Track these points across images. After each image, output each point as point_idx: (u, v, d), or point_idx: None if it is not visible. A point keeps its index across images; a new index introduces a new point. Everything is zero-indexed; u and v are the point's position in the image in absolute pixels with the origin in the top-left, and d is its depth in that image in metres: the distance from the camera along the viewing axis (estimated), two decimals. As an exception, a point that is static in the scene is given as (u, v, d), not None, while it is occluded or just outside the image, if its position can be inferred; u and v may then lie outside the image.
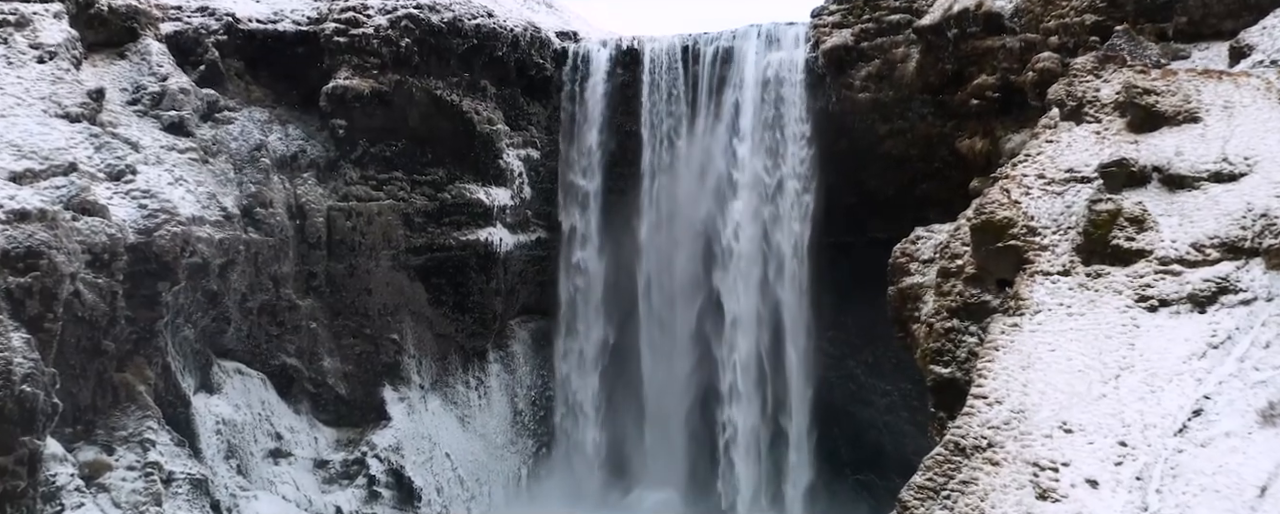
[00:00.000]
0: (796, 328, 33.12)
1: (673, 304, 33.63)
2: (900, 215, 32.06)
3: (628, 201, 34.66)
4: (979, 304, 18.23)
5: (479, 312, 32.47)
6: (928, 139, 30.63)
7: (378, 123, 30.88)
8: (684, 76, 34.01)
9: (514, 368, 33.94)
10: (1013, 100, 28.43)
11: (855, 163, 32.28)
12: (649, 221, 33.90)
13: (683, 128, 34.05)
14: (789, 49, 32.53)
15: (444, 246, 31.59)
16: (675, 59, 34.08)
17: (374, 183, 30.83)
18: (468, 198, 31.75)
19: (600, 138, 34.26)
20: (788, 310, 32.99)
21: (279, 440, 27.76)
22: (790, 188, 32.64)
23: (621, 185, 34.94)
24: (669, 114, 34.00)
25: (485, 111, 32.38)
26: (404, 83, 30.88)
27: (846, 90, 31.74)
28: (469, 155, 32.21)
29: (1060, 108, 20.04)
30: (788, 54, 32.46)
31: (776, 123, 32.59)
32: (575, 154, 34.56)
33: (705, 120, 33.80)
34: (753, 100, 32.70)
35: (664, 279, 33.93)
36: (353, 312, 30.44)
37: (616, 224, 34.55)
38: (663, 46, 34.34)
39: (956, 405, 18.13)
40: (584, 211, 34.34)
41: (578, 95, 34.40)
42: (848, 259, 33.83)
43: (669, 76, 34.04)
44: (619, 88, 34.30)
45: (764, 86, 32.54)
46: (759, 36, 32.62)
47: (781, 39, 32.51)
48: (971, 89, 29.11)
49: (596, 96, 34.17)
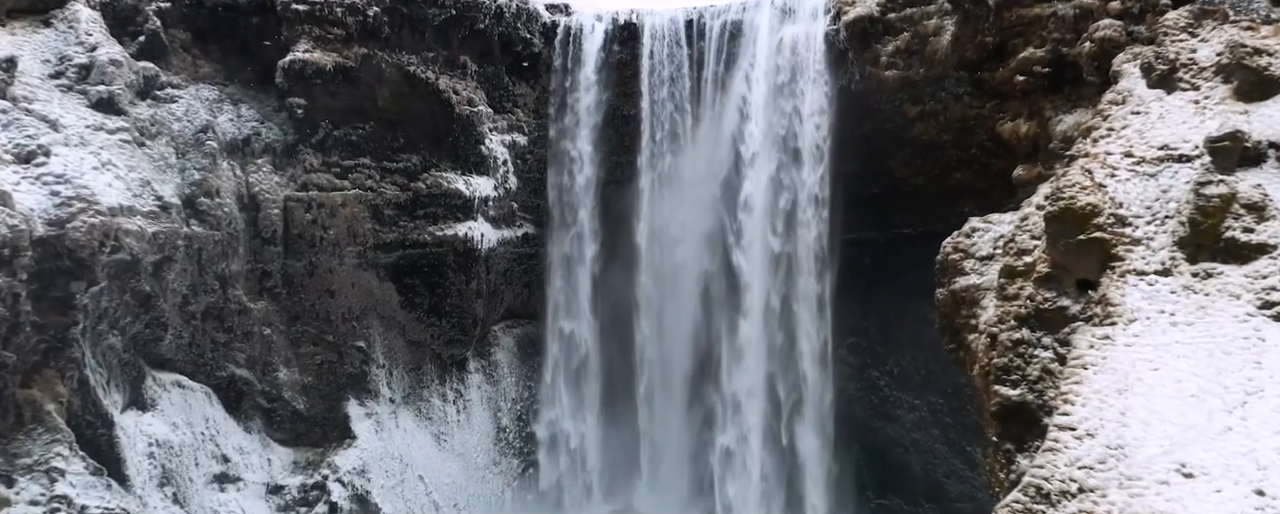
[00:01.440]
0: (812, 334, 29.92)
1: (675, 306, 30.48)
2: (930, 208, 29.02)
3: (625, 193, 31.54)
4: (1055, 310, 15.02)
5: (457, 316, 29.27)
6: (963, 122, 27.49)
7: (342, 102, 27.68)
8: (688, 54, 30.84)
9: (497, 379, 30.73)
10: (1064, 76, 25.27)
11: (880, 149, 29.18)
12: (649, 215, 30.79)
13: (686, 111, 30.88)
14: (806, 21, 29.34)
15: (418, 242, 28.41)
16: (678, 34, 30.90)
17: (338, 170, 27.62)
18: (445, 188, 28.55)
19: (594, 122, 31.16)
20: (802, 314, 29.78)
21: (226, 463, 24.50)
22: (807, 177, 29.43)
23: (618, 175, 31.83)
24: (671, 96, 30.82)
25: (465, 91, 29.18)
26: (372, 57, 27.66)
27: (871, 67, 28.57)
28: (446, 140, 29.01)
29: (1146, 73, 16.85)
30: (804, 27, 29.26)
31: (792, 104, 29.40)
32: (566, 140, 31.37)
33: (712, 102, 30.65)
34: (765, 79, 29.51)
35: (665, 278, 30.77)
36: (313, 316, 27.22)
37: (612, 218, 31.48)
38: (664, 20, 31.14)
39: (1028, 435, 14.96)
40: (576, 204, 31.17)
41: (569, 75, 31.23)
42: (869, 257, 30.77)
43: (671, 54, 30.88)
44: (615, 67, 31.15)
45: (778, 64, 29.36)
46: (772, 7, 29.42)
47: (797, 10, 29.31)
48: (1016, 64, 25.92)
49: (590, 76, 30.99)
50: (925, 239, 29.61)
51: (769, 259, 29.64)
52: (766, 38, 29.77)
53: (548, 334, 30.91)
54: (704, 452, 31.09)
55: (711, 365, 29.99)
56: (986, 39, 26.63)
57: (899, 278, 30.51)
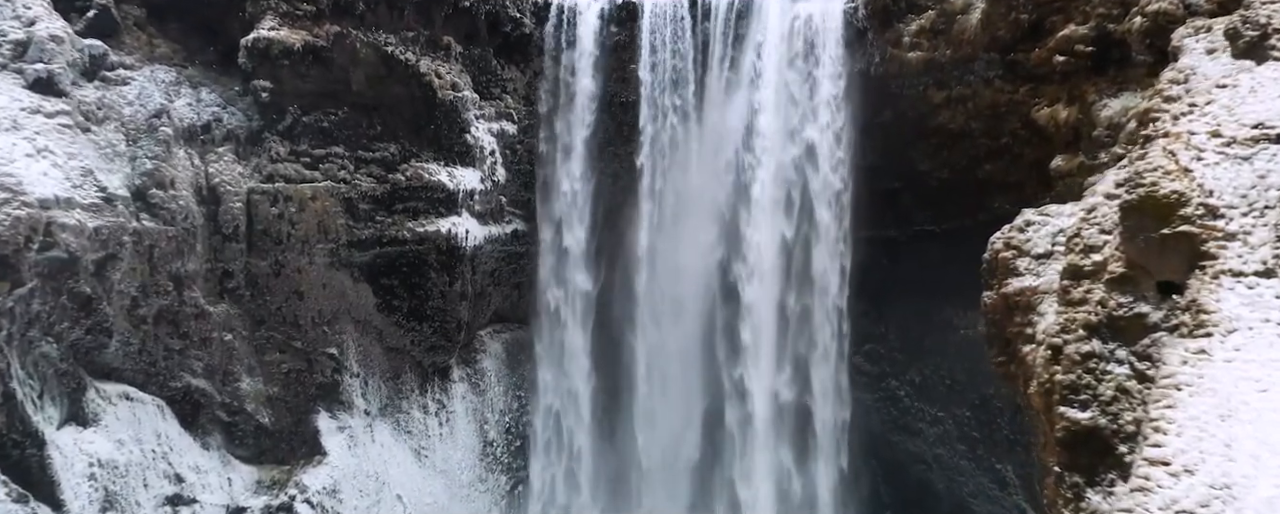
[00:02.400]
0: (827, 340, 27.75)
1: (678, 309, 28.24)
2: (957, 203, 26.80)
3: (623, 187, 29.42)
4: (1132, 318, 12.75)
5: (440, 320, 27.00)
6: (994, 108, 25.27)
7: (313, 85, 25.41)
8: (692, 35, 28.66)
9: (484, 389, 28.45)
10: (1109, 56, 23.05)
11: (901, 138, 26.99)
12: (649, 211, 28.65)
13: (690, 98, 28.69)
14: None
15: (396, 240, 26.12)
16: (681, 13, 28.73)
17: (308, 160, 25.34)
18: (426, 180, 26.28)
19: (590, 109, 29.07)
20: (816, 317, 27.53)
21: (180, 484, 22.24)
22: (821, 170, 27.20)
23: (616, 167, 29.67)
24: (673, 82, 28.66)
25: (448, 75, 26.91)
26: (346, 36, 25.39)
27: (893, 49, 26.39)
28: (428, 128, 26.73)
29: (1232, 40, 14.56)
30: (820, 5, 27.15)
31: (806, 90, 27.22)
32: (560, 129, 29.17)
33: (718, 88, 28.47)
34: (777, 63, 27.34)
35: (667, 279, 28.56)
36: (279, 320, 24.95)
37: (610, 213, 29.38)
38: (666, 0, 28.81)
39: (1100, 466, 12.68)
40: (570, 199, 28.92)
41: (563, 58, 29.09)
42: (889, 257, 28.58)
43: (673, 35, 28.67)
44: (613, 49, 29.11)
45: (791, 46, 27.23)
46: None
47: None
48: (1055, 43, 23.71)
49: (585, 60, 28.85)
50: (950, 238, 27.70)
51: (780, 258, 27.40)
52: (778, 17, 27.58)
53: (538, 340, 28.63)
54: (708, 465, 28.86)
55: (717, 371, 27.72)
56: (1021, 16, 24.41)
57: (921, 279, 28.34)
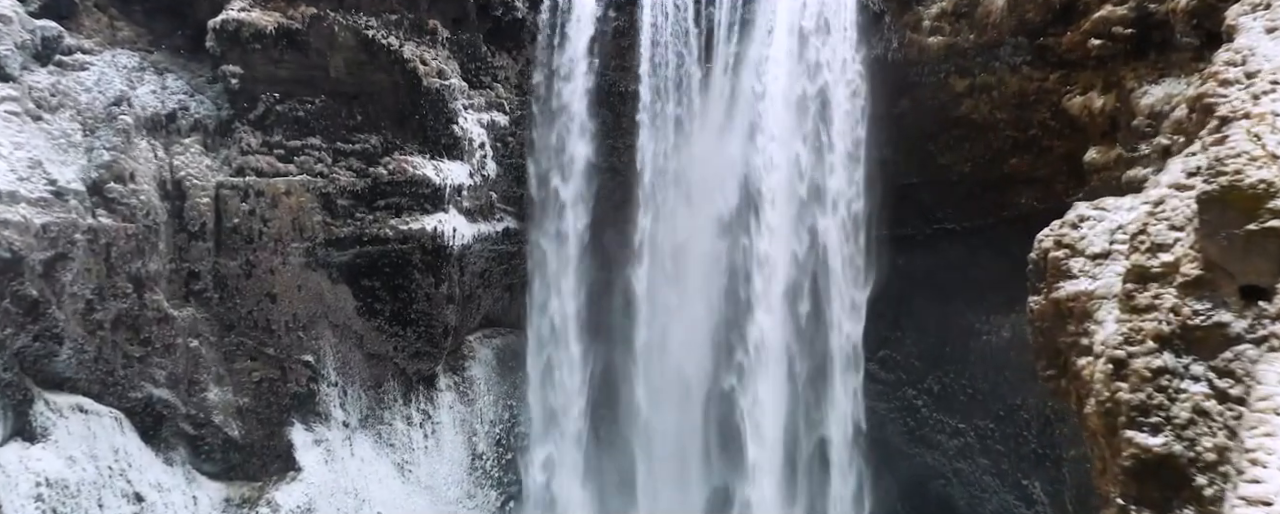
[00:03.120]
0: (842, 346, 25.98)
1: (681, 312, 26.52)
2: (979, 200, 25.22)
3: (622, 181, 27.77)
4: (1210, 328, 11.06)
5: (425, 324, 25.30)
6: (1021, 97, 23.68)
7: (287, 72, 23.75)
8: (695, 20, 27.04)
9: (472, 397, 26.76)
10: (1150, 39, 21.38)
11: (920, 130, 25.43)
12: (650, 207, 27.02)
13: (694, 86, 27.03)
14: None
15: (378, 238, 24.44)
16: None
17: (282, 152, 23.65)
18: (410, 174, 24.59)
19: (587, 100, 27.42)
20: (830, 320, 25.81)
21: (139, 503, 20.56)
22: (835, 163, 25.50)
23: (614, 161, 28.03)
24: (676, 69, 27.03)
25: (435, 61, 25.23)
26: (323, 18, 23.71)
27: (911, 33, 24.78)
28: (413, 118, 25.04)
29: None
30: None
31: (818, 78, 25.50)
32: (554, 120, 27.40)
33: (724, 77, 26.78)
34: (787, 49, 25.69)
35: (668, 281, 26.88)
36: (250, 325, 23.27)
37: (608, 210, 27.71)
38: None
39: (1177, 500, 11.00)
40: (564, 194, 27.27)
41: (558, 45, 27.41)
42: (906, 257, 27.02)
43: (676, 20, 27.06)
44: (612, 35, 27.49)
45: (802, 30, 25.51)
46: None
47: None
48: (1089, 26, 22.08)
49: (582, 46, 27.24)
50: (972, 236, 26.14)
51: (791, 258, 25.68)
52: (788, 0, 25.81)
53: (529, 346, 26.93)
54: (713, 476, 27.16)
55: (723, 381, 26.01)
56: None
57: (940, 281, 26.79)
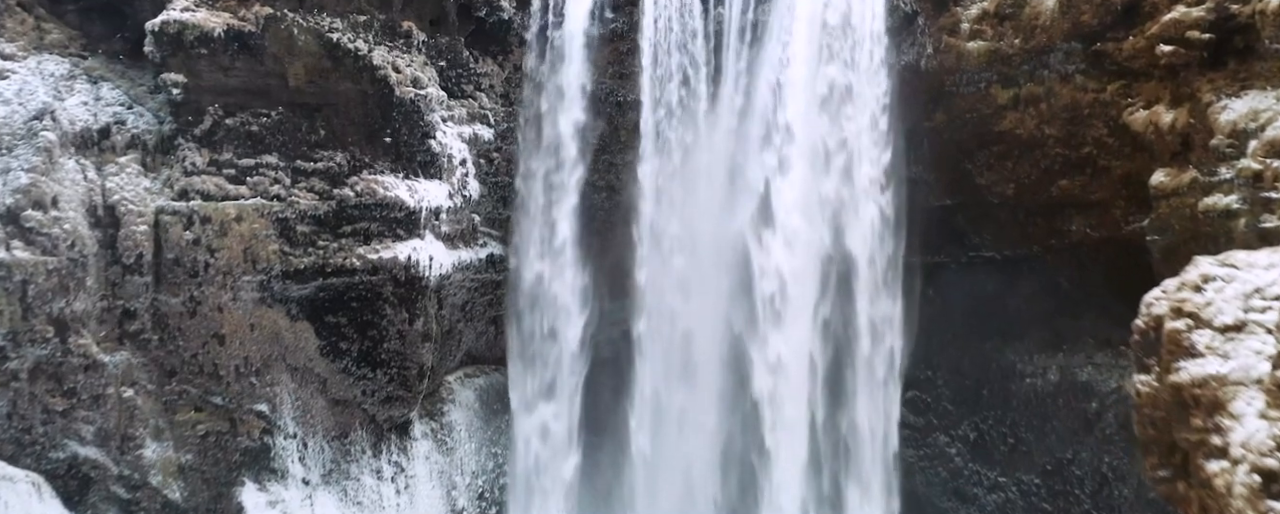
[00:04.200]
0: (869, 386, 23.28)
1: (686, 351, 23.86)
2: (1023, 225, 22.73)
3: (621, 203, 25.31)
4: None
5: (398, 365, 22.62)
6: (1074, 109, 21.19)
7: (238, 80, 21.09)
8: (703, 22, 24.50)
9: (452, 446, 24.05)
10: (1229, 45, 18.82)
11: (956, 146, 22.91)
12: (652, 231, 24.45)
13: (702, 96, 24.46)
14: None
15: (344, 269, 21.77)
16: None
17: (232, 172, 20.97)
18: (381, 196, 21.93)
19: (582, 111, 24.77)
20: (855, 361, 23.15)
21: (60, 582, 17.73)
22: (860, 183, 22.83)
23: (612, 180, 25.58)
24: (682, 77, 24.55)
25: (409, 68, 22.59)
26: (280, 19, 21.05)
27: (948, 37, 22.23)
28: (384, 132, 22.37)
29: None
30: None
31: (841, 88, 22.89)
32: (545, 133, 24.82)
33: (735, 86, 24.28)
34: (806, 55, 23.11)
35: (672, 317, 24.21)
36: (195, 370, 20.58)
37: (604, 235, 25.23)
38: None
39: None
40: (556, 217, 24.60)
41: (549, 49, 24.90)
42: (936, 287, 24.53)
43: (682, 22, 24.49)
44: (610, 39, 24.98)
45: (824, 33, 22.90)
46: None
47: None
48: (1159, 29, 19.56)
49: (576, 51, 24.68)
50: (1014, 266, 23.53)
51: (811, 291, 22.96)
52: (808, 1, 23.15)
53: (515, 393, 24.23)
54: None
55: (735, 430, 23.29)
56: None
57: (977, 315, 24.28)
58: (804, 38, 23.19)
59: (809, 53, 23.18)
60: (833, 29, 22.89)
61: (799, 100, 23.23)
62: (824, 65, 23.05)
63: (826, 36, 22.94)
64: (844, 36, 22.83)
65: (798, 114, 23.20)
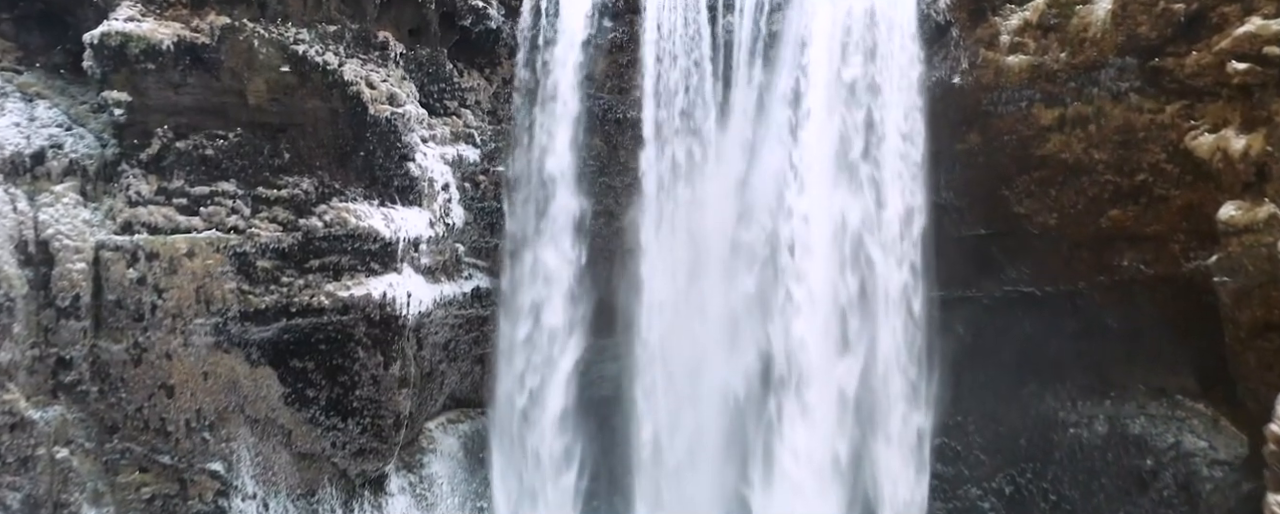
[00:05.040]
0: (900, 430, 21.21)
1: (692, 401, 21.79)
2: (1067, 259, 21.07)
3: (620, 231, 23.25)
4: None
5: (372, 414, 20.52)
6: (1127, 132, 19.45)
7: (191, 99, 19.02)
8: (711, 31, 22.56)
9: (432, 501, 21.93)
10: (1312, 63, 16.66)
11: (993, 170, 21.22)
12: (656, 263, 22.30)
13: (710, 115, 22.54)
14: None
15: (311, 308, 19.66)
16: (696, 6, 22.42)
17: (184, 202, 18.88)
18: (353, 226, 19.84)
19: (577, 128, 22.72)
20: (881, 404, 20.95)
21: None
22: (886, 209, 20.74)
23: (611, 204, 23.71)
24: (688, 92, 22.56)
25: (385, 83, 20.56)
26: (238, 30, 18.96)
27: (986, 50, 20.33)
28: (356, 155, 20.27)
29: None
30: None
31: (865, 105, 20.88)
32: (536, 154, 22.69)
33: (747, 104, 22.29)
34: (826, 71, 21.17)
35: (678, 359, 22.15)
36: (140, 426, 18.49)
37: (602, 267, 23.15)
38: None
39: None
40: (549, 246, 22.48)
41: (542, 61, 23.02)
42: (966, 324, 22.67)
43: (688, 31, 22.59)
44: (608, 50, 23.16)
45: (845, 45, 20.86)
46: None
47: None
48: (1230, 44, 17.85)
49: (571, 65, 22.69)
50: (1055, 304, 21.59)
51: (834, 324, 20.82)
52: (828, 9, 21.10)
53: (498, 443, 22.12)
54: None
55: (744, 488, 21.14)
56: (1173, 6, 18.15)
57: (1012, 356, 22.23)
58: (824, 48, 21.12)
59: (829, 66, 21.09)
60: (856, 40, 20.78)
61: (818, 115, 21.10)
62: (845, 81, 20.94)
63: (849, 48, 20.82)
64: (868, 50, 20.71)
65: (815, 128, 21.09)
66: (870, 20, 20.71)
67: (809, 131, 21.13)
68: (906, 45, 20.47)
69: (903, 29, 20.43)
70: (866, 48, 20.78)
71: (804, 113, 21.21)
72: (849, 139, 20.95)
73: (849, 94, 21.01)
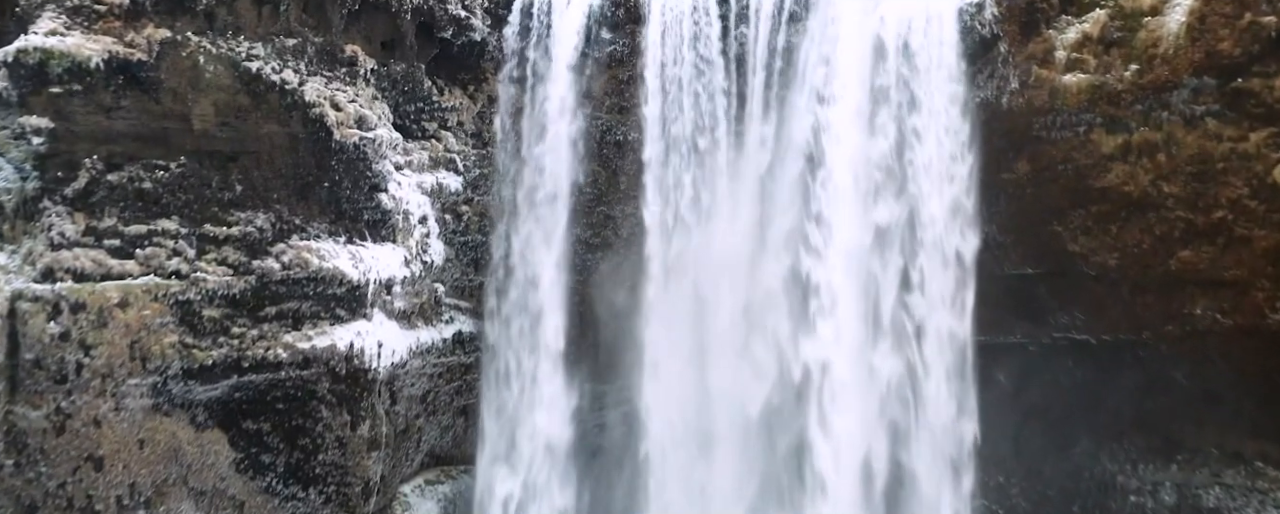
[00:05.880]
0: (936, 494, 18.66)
1: (704, 467, 19.37)
2: (1129, 305, 18.93)
3: (619, 267, 21.02)
4: None
5: (337, 481, 18.30)
6: (1202, 162, 17.56)
7: (127, 124, 16.80)
8: (722, 45, 20.34)
9: (408, 576, 19.50)
10: None
11: (1043, 203, 19.43)
12: (660, 305, 20.00)
13: (721, 138, 20.28)
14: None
15: (266, 362, 17.42)
16: (706, 15, 20.39)
17: (117, 243, 16.58)
18: (315, 267, 17.60)
19: (572, 153, 20.73)
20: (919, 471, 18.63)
21: None
22: (924, 246, 18.41)
23: (609, 236, 21.63)
24: (695, 114, 20.39)
25: (353, 104, 18.37)
26: (180, 45, 16.74)
27: (1040, 69, 18.24)
28: (320, 186, 18.03)
29: None
30: (923, 2, 18.24)
31: (897, 129, 18.46)
32: (525, 182, 20.41)
33: (762, 124, 19.94)
34: (855, 90, 18.99)
35: (686, 417, 19.84)
36: (63, 504, 16.19)
37: (599, 310, 20.97)
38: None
39: None
40: (538, 286, 20.35)
41: (532, 78, 20.92)
42: (1008, 372, 20.39)
43: (695, 46, 20.48)
44: (607, 65, 21.06)
45: (877, 64, 18.61)
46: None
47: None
48: (1331, 64, 15.08)
49: (565, 78, 20.73)
50: (1113, 354, 19.29)
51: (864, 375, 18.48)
52: (856, 19, 18.84)
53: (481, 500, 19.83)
54: None
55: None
56: (1263, 19, 15.91)
57: (1062, 410, 20.06)
58: (852, 66, 18.83)
59: (857, 85, 18.74)
60: (889, 56, 18.48)
61: (846, 142, 18.78)
62: (877, 100, 18.62)
63: (881, 67, 18.49)
64: (902, 67, 18.38)
65: (842, 156, 18.76)
66: (906, 32, 18.41)
67: (835, 154, 18.80)
68: (946, 62, 18.14)
69: (943, 42, 18.14)
70: (900, 64, 18.50)
71: (828, 133, 18.91)
72: (879, 160, 18.64)
73: (880, 114, 18.73)
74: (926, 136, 18.26)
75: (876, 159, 18.56)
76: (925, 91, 18.23)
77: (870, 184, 18.66)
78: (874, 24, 18.68)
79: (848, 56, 18.74)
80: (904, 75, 18.28)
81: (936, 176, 17.84)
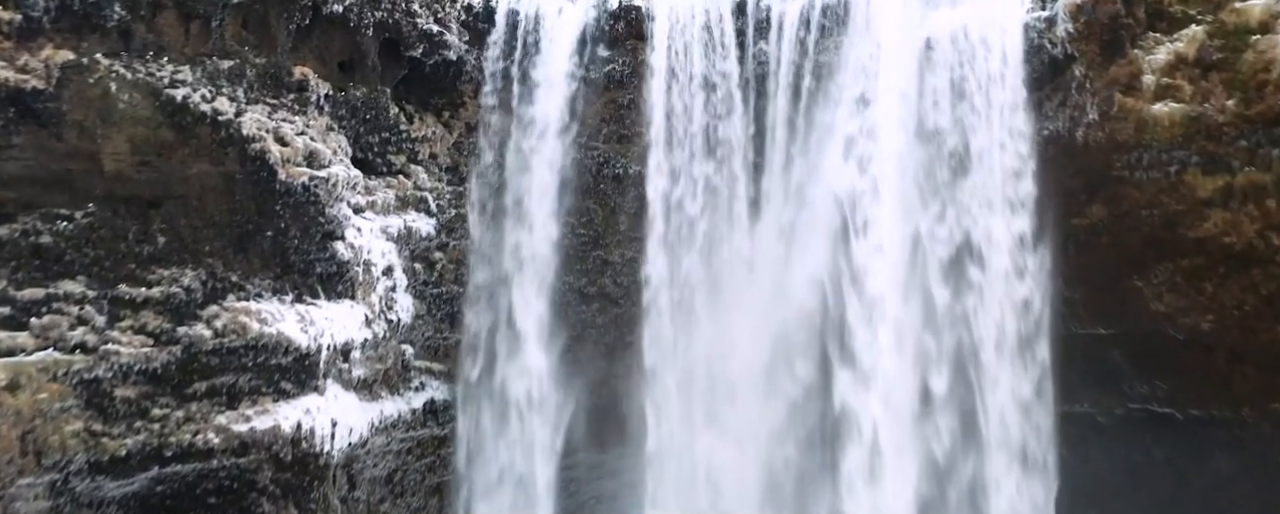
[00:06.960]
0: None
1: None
2: (1226, 374, 16.95)
3: (617, 320, 18.67)
4: None
5: (283, 587, 15.39)
6: None
7: (20, 166, 14.52)
8: (739, 65, 17.91)
9: None
10: None
11: (1123, 255, 17.17)
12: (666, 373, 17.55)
13: (739, 172, 17.44)
14: (981, 4, 15.90)
15: (194, 450, 14.95)
16: (721, 27, 18.22)
17: (6, 312, 14.07)
18: (255, 333, 15.19)
19: (563, 190, 18.33)
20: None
21: None
22: (984, 303, 15.90)
23: (606, 284, 19.24)
24: (708, 144, 17.74)
25: (302, 136, 16.01)
26: (87, 69, 14.33)
27: (1125, 97, 15.92)
28: (262, 236, 15.59)
29: None
30: (979, 14, 16.04)
31: (951, 168, 15.84)
32: (508, 221, 17.90)
33: (789, 158, 17.34)
34: (897, 115, 16.18)
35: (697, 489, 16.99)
36: (-64, 634, 13.29)
37: (593, 377, 18.15)
38: (693, 5, 18.15)
39: None
40: (523, 349, 17.79)
41: (517, 100, 18.24)
42: (1074, 445, 18.11)
43: (707, 64, 17.94)
44: (603, 87, 18.77)
45: (925, 85, 15.97)
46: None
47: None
48: None
49: (555, 101, 18.41)
50: (1205, 429, 17.17)
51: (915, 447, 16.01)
52: (898, 34, 16.29)
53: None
54: None
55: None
56: (1406, 39, 13.08)
57: (1139, 495, 17.55)
58: (895, 89, 16.21)
59: (902, 112, 16.17)
60: (939, 82, 15.83)
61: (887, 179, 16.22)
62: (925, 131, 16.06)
63: (929, 92, 15.88)
64: (957, 92, 15.78)
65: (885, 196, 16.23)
66: (958, 54, 15.79)
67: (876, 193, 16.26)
68: (1011, 87, 15.55)
69: (1006, 64, 15.53)
70: (954, 88, 15.94)
71: (869, 171, 16.31)
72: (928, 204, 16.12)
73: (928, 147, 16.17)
74: (982, 170, 15.67)
75: (923, 193, 16.02)
76: (984, 122, 15.66)
77: (912, 224, 16.12)
78: (921, 39, 16.14)
79: (891, 75, 16.22)
80: (956, 99, 15.70)
81: (994, 209, 15.22)
